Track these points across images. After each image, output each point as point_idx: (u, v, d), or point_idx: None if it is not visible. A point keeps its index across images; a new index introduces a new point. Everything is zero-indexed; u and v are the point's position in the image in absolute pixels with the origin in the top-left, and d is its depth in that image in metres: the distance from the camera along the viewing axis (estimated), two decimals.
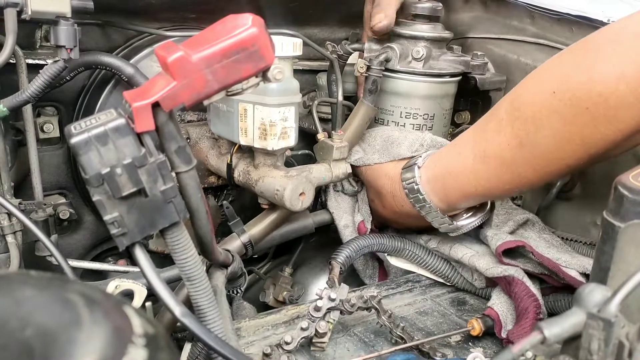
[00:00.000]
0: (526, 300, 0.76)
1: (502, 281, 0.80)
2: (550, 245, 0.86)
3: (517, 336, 0.73)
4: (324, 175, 0.90)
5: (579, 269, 0.80)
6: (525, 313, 0.75)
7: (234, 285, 0.78)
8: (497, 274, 0.80)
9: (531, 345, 0.41)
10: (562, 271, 0.79)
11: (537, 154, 0.73)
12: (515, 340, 0.72)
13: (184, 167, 0.51)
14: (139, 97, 0.47)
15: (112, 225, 0.48)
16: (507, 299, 0.80)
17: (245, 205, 1.09)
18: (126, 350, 0.36)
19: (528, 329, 0.73)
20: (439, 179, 0.83)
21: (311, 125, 1.04)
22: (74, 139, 0.46)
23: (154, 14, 0.97)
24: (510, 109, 0.75)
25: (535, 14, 1.08)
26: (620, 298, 0.40)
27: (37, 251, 0.84)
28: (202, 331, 0.50)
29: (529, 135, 0.73)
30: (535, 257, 0.80)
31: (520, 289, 0.77)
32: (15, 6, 0.72)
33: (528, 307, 0.76)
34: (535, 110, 0.72)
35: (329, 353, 0.71)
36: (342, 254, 0.85)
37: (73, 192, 1.00)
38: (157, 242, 1.02)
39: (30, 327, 0.36)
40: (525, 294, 0.77)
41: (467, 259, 0.84)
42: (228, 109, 0.87)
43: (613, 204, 0.53)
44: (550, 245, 0.86)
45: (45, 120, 0.93)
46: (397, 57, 0.97)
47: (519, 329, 0.74)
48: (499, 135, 0.76)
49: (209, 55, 0.48)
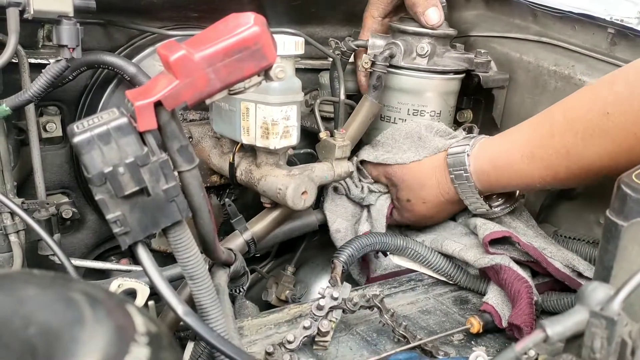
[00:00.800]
0: (516, 283, 0.78)
1: (491, 271, 0.82)
2: (538, 235, 0.90)
3: (516, 318, 0.74)
4: (326, 174, 0.90)
5: (562, 262, 0.83)
6: (519, 295, 0.77)
7: (236, 284, 0.78)
8: (484, 264, 0.82)
9: (534, 343, 0.41)
10: (547, 261, 0.82)
11: (582, 165, 0.77)
12: (516, 322, 0.74)
13: (186, 166, 0.51)
14: (142, 96, 0.48)
15: (114, 224, 0.48)
16: (499, 291, 0.81)
17: (248, 204, 1.09)
18: (129, 349, 0.36)
19: (526, 310, 0.75)
20: (485, 170, 0.87)
21: (313, 124, 1.04)
22: (76, 138, 0.46)
23: (156, 13, 0.97)
24: (563, 120, 0.79)
25: (537, 12, 1.08)
26: (623, 296, 0.39)
27: (40, 250, 0.84)
28: (204, 330, 0.50)
29: (577, 148, 0.76)
30: (521, 246, 0.82)
31: (509, 274, 0.79)
32: (17, 5, 0.72)
33: (520, 290, 0.77)
34: (587, 127, 0.75)
35: (331, 352, 0.71)
36: (344, 252, 0.85)
37: (76, 191, 1.01)
38: (159, 241, 1.03)
39: (34, 325, 0.36)
40: (515, 278, 0.78)
41: (457, 253, 0.86)
42: (230, 108, 0.87)
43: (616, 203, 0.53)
44: (537, 235, 0.90)
45: (47, 120, 0.93)
46: (402, 53, 0.97)
47: (516, 311, 0.75)
48: (550, 140, 0.79)
49: (211, 54, 0.48)
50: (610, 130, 0.72)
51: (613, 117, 0.72)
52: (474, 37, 1.18)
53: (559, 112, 0.81)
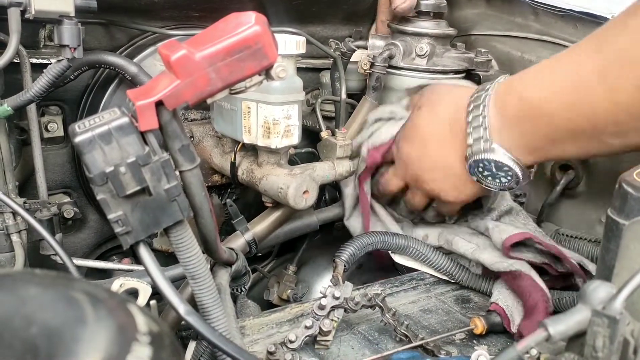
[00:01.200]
0: (535, 294, 0.76)
1: (508, 275, 0.80)
2: (544, 236, 0.88)
3: (529, 330, 0.73)
4: (327, 174, 0.90)
5: (576, 260, 0.82)
6: (536, 307, 0.75)
7: (238, 283, 0.78)
8: (502, 269, 0.80)
9: (536, 342, 0.41)
10: (568, 259, 0.80)
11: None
12: (528, 334, 0.72)
13: (187, 165, 0.51)
14: (143, 95, 0.48)
15: (116, 224, 0.48)
16: (510, 293, 0.80)
17: (249, 204, 1.09)
18: (131, 348, 0.36)
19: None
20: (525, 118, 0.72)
21: (314, 123, 1.04)
22: (78, 137, 0.46)
23: (157, 13, 0.97)
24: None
25: (539, 10, 1.08)
26: (625, 295, 0.39)
27: (42, 250, 0.84)
28: (206, 329, 0.50)
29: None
30: (545, 247, 0.80)
31: (528, 283, 0.77)
32: (18, 5, 0.72)
33: (537, 301, 0.76)
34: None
35: (333, 351, 0.71)
36: (346, 252, 0.85)
37: (77, 191, 1.01)
38: (161, 241, 1.03)
39: (35, 325, 0.36)
40: (534, 288, 0.77)
41: (470, 254, 0.85)
42: (231, 108, 0.87)
43: (617, 202, 0.53)
44: (544, 236, 0.87)
45: (49, 120, 0.93)
46: (401, 53, 0.97)
47: (531, 323, 0.74)
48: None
49: (212, 54, 0.48)
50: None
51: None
52: (475, 36, 1.18)
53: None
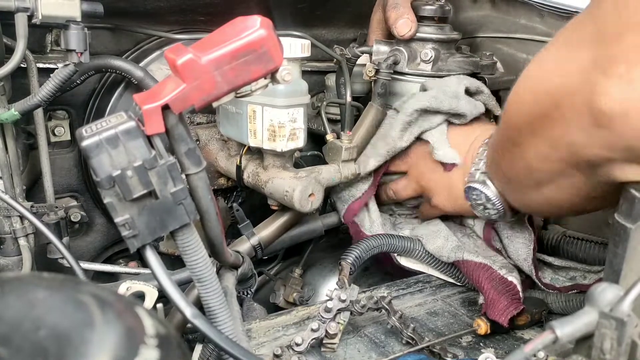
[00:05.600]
0: (476, 272, 0.80)
1: (461, 265, 0.84)
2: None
3: (492, 314, 0.75)
4: (333, 176, 0.90)
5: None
6: (481, 286, 0.79)
7: (244, 286, 0.78)
8: (453, 260, 0.84)
9: (543, 345, 0.41)
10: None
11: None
12: (494, 318, 0.75)
13: (193, 168, 0.52)
14: (149, 99, 0.48)
15: (123, 227, 0.48)
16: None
17: (255, 207, 1.09)
18: (139, 351, 0.36)
19: (496, 301, 0.76)
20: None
21: (320, 126, 1.04)
22: (85, 142, 0.46)
23: (163, 17, 0.97)
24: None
25: (544, 12, 1.07)
26: (632, 297, 0.39)
27: (49, 253, 0.84)
28: (212, 332, 0.50)
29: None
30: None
31: (468, 266, 0.81)
32: (25, 11, 0.72)
33: (479, 277, 0.80)
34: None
35: (339, 354, 0.71)
36: (351, 254, 0.85)
37: (84, 195, 1.01)
38: (167, 244, 1.03)
39: (44, 328, 0.36)
40: (474, 268, 0.81)
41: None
42: (237, 111, 0.87)
43: (624, 206, 0.53)
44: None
45: (56, 124, 0.94)
46: (406, 59, 0.97)
47: (486, 305, 0.77)
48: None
49: (218, 57, 0.48)
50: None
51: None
52: (480, 38, 1.17)
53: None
